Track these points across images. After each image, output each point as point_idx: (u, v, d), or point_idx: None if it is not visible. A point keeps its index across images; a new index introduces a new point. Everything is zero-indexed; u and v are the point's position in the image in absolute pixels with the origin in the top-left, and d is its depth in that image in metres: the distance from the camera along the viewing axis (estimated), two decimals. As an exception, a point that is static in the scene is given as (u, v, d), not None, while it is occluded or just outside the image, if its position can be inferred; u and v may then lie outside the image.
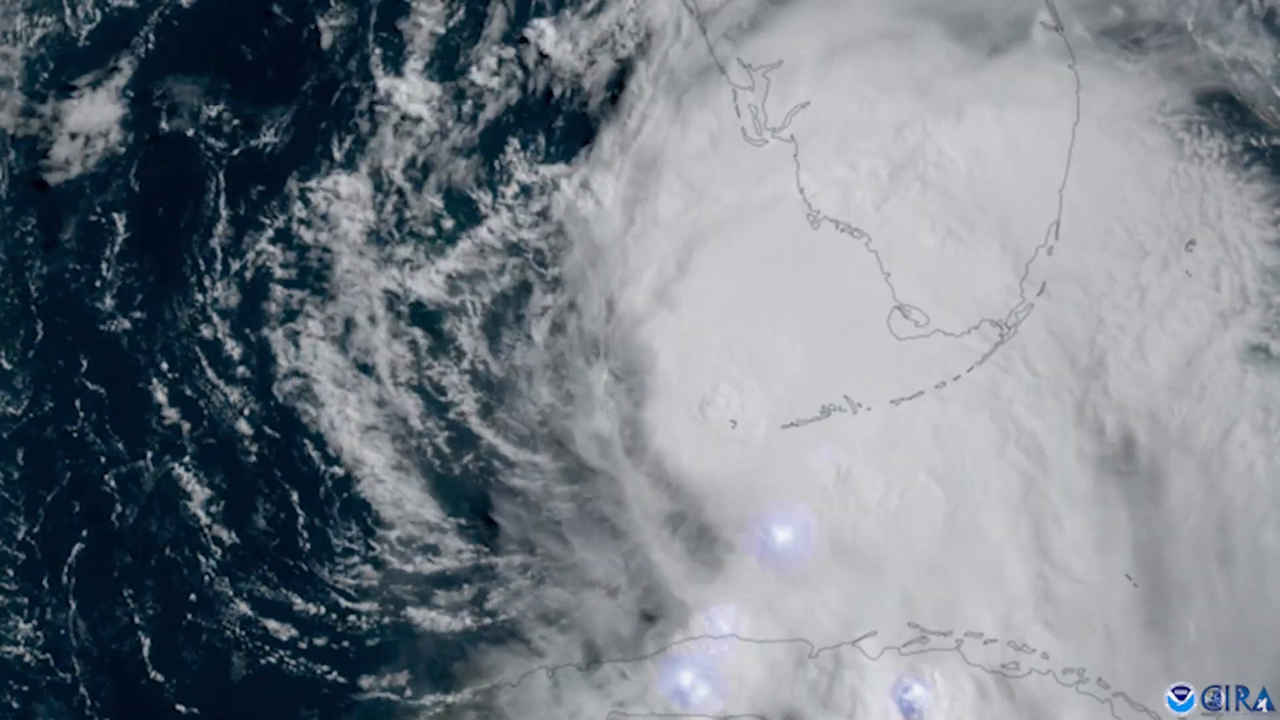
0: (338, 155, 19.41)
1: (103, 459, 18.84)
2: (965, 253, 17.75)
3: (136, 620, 18.45)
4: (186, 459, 18.86)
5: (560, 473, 18.56)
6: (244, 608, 18.30)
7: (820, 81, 18.50)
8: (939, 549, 17.23)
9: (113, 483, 18.80)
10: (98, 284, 19.41)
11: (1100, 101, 17.65)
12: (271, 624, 18.28)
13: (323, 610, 18.32)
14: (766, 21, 18.86)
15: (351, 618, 18.28)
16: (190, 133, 19.74)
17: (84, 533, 18.77)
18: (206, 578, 18.43)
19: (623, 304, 18.68)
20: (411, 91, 19.49)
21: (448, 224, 19.13)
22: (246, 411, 18.93)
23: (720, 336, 18.29)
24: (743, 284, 18.37)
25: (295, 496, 18.56)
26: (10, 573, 18.67)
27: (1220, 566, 16.34)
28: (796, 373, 17.95)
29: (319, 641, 18.26)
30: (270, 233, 19.29)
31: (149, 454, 18.83)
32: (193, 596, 18.40)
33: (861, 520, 17.46)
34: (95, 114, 19.99)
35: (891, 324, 17.60)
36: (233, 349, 19.10)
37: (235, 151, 19.63)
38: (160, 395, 19.10)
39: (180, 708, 18.28)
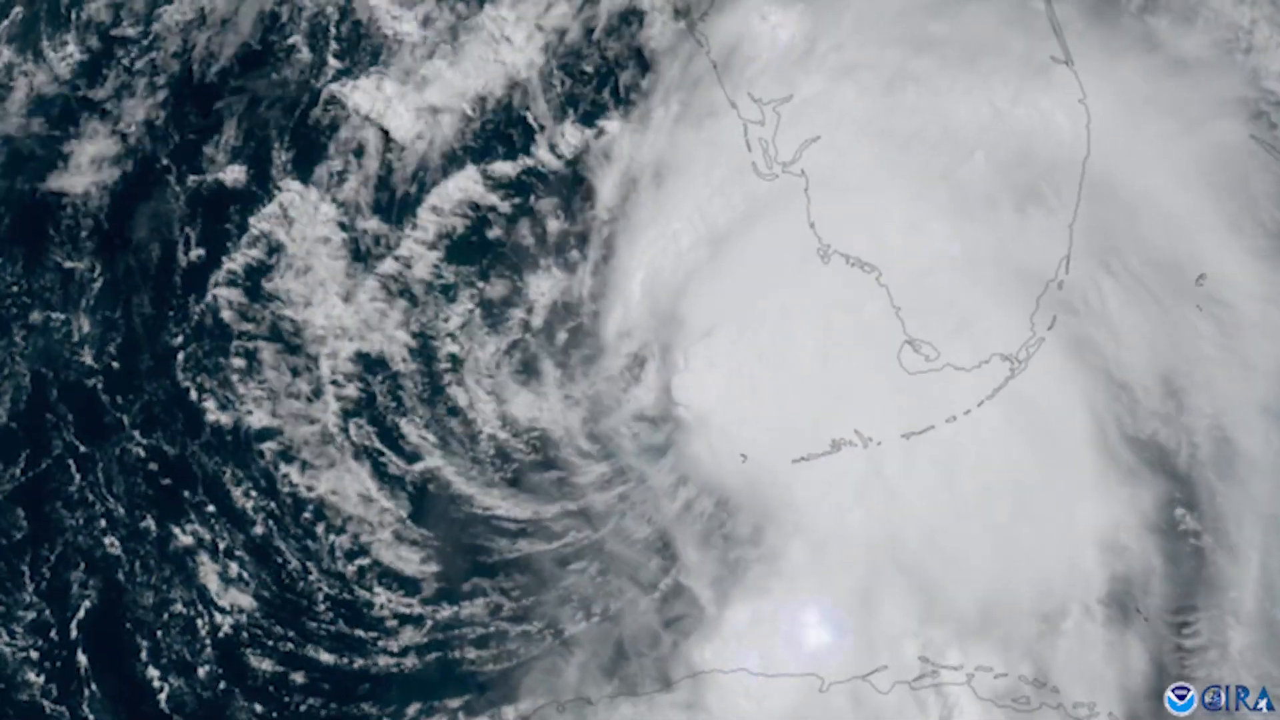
0: (307, 184, 18.94)
1: (103, 521, 18.52)
2: (1048, 220, 16.93)
3: (151, 671, 18.37)
4: (192, 521, 18.61)
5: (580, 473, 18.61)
6: (267, 664, 18.27)
7: (862, 30, 17.75)
8: (988, 551, 16.92)
9: (116, 544, 18.52)
10: (76, 337, 18.86)
11: (1231, 81, 16.77)
12: (298, 676, 18.26)
13: (361, 662, 18.32)
14: None
15: (393, 670, 18.30)
16: (164, 166, 19.10)
17: (91, 589, 18.54)
18: (223, 633, 18.35)
19: (622, 300, 18.64)
20: (384, 112, 18.94)
21: (425, 238, 18.90)
22: (241, 481, 18.65)
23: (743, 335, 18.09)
24: (752, 294, 18.18)
25: (311, 565, 18.47)
26: (19, 629, 18.45)
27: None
28: (810, 403, 17.73)
29: (351, 689, 18.32)
30: (240, 278, 18.78)
31: (149, 517, 18.55)
32: (209, 650, 18.33)
33: (909, 530, 17.27)
34: (80, 151, 19.25)
35: (901, 358, 17.37)
36: (214, 413, 18.75)
37: (202, 187, 19.01)
38: (150, 458, 18.73)
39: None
